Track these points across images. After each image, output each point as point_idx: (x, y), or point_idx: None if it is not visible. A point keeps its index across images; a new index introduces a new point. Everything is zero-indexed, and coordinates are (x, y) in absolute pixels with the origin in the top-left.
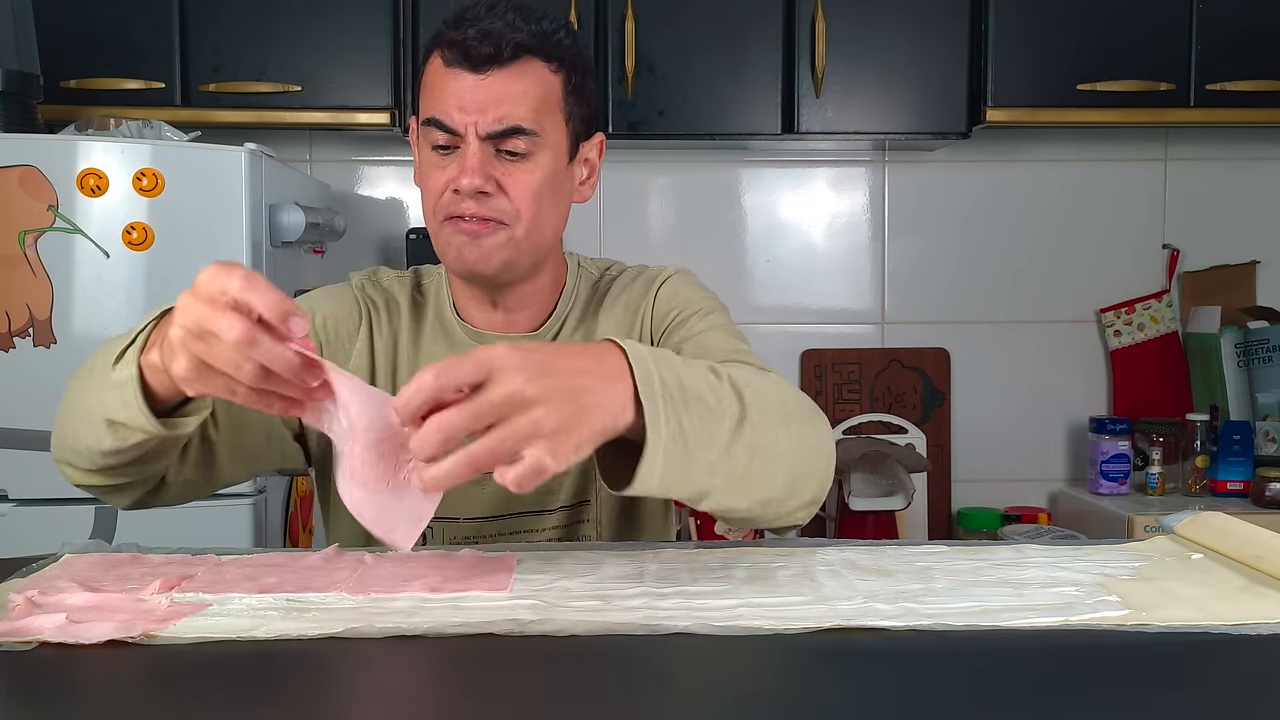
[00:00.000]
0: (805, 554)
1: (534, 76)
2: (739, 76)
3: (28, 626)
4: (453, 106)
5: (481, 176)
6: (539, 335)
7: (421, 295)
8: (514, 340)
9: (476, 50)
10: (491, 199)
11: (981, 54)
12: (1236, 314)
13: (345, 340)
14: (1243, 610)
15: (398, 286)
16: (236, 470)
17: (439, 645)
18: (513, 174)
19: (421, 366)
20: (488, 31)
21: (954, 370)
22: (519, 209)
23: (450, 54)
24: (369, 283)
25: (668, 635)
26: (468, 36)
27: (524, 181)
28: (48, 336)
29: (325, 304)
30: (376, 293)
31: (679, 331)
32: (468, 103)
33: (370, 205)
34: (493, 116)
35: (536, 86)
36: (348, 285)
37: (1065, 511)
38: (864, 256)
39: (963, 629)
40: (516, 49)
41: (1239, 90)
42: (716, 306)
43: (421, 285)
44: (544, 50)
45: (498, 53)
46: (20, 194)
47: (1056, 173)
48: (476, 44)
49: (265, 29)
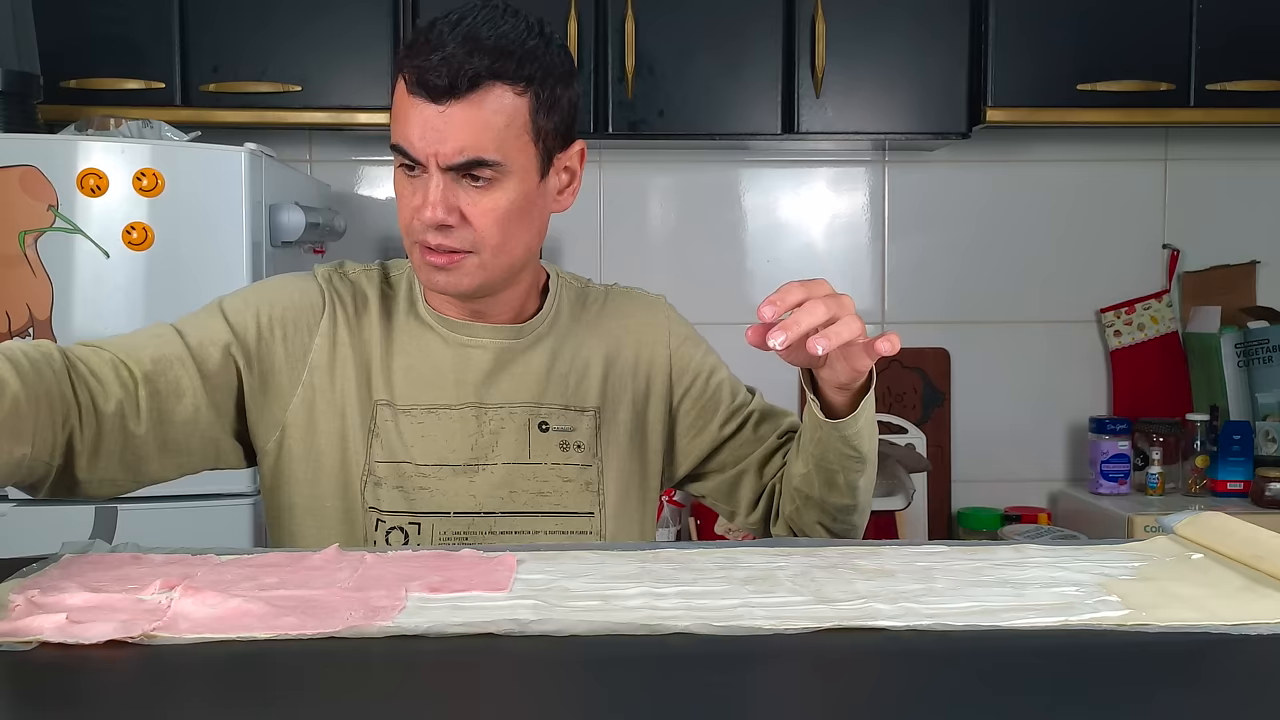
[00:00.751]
0: (805, 554)
1: (495, 104)
2: (739, 76)
3: (28, 626)
4: (414, 135)
5: (444, 209)
6: (526, 329)
7: (390, 288)
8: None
9: (434, 81)
10: (455, 230)
11: (981, 54)
12: (1236, 314)
13: (305, 332)
14: (1243, 610)
15: (365, 280)
16: (165, 466)
17: (439, 645)
18: (477, 202)
19: (396, 358)
20: (446, 60)
21: (954, 370)
22: (484, 237)
23: (411, 79)
24: (335, 275)
25: (668, 635)
26: (427, 64)
27: (489, 210)
28: (47, 336)
29: (284, 295)
30: (343, 286)
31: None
32: (428, 133)
33: (370, 205)
34: (453, 148)
35: (498, 115)
36: (310, 276)
37: (1065, 511)
38: (864, 256)
39: (963, 629)
40: (474, 79)
41: (1239, 90)
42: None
43: (390, 278)
44: (506, 73)
45: (454, 85)
46: (20, 194)
47: (1056, 173)
48: (434, 75)
49: (265, 29)
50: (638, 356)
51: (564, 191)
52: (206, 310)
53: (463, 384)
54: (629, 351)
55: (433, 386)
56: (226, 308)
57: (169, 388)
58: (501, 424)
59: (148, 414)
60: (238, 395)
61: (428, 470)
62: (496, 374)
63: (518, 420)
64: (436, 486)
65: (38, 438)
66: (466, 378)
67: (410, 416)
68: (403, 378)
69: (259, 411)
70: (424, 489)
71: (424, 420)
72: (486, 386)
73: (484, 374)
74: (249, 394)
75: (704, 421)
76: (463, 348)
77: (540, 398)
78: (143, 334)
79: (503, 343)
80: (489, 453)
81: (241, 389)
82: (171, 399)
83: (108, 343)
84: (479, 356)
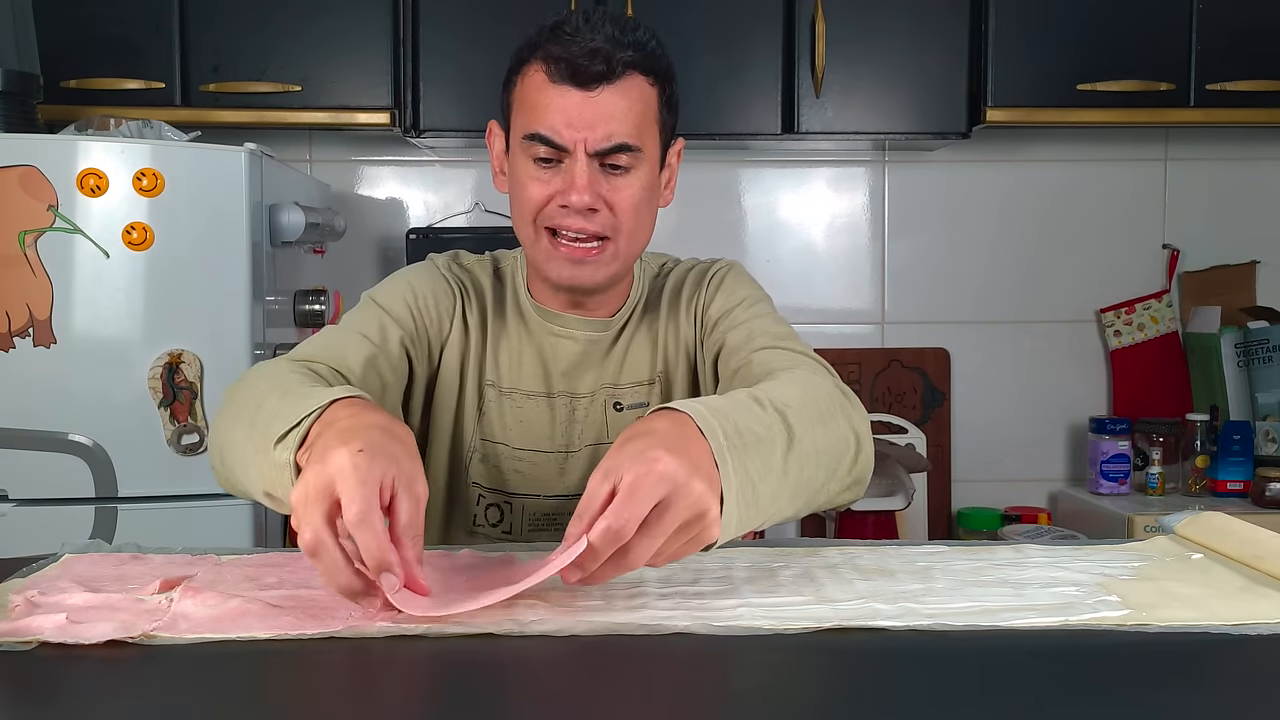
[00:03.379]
0: (805, 554)
1: (637, 92)
2: (739, 76)
3: (28, 626)
4: (560, 123)
5: (592, 194)
6: (610, 324)
7: (499, 280)
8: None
9: (587, 68)
10: (598, 214)
11: (981, 54)
12: (1236, 314)
13: (444, 318)
14: (1243, 610)
15: (479, 269)
16: None
17: (439, 645)
18: (617, 188)
19: (500, 350)
20: (596, 49)
21: (954, 370)
22: (622, 223)
23: (556, 69)
24: (456, 265)
25: (668, 635)
26: (574, 52)
27: (627, 196)
28: (48, 336)
29: (425, 284)
30: (464, 275)
31: (727, 320)
32: (575, 119)
33: (370, 205)
34: (601, 134)
35: (639, 102)
36: (434, 267)
37: (1065, 511)
38: (864, 256)
39: (963, 629)
40: (624, 67)
41: (1239, 90)
42: (762, 296)
43: (499, 269)
44: (645, 65)
45: (609, 70)
46: (20, 194)
47: (1056, 173)
48: (586, 62)
49: (265, 29)
50: (680, 324)
51: (666, 187)
52: (368, 308)
53: (553, 374)
54: (680, 321)
55: (531, 375)
56: (384, 303)
57: (375, 388)
58: (586, 412)
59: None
60: (409, 383)
61: (521, 454)
62: (583, 364)
63: (598, 405)
64: (529, 471)
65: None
66: (556, 368)
67: (512, 400)
68: (507, 362)
69: (418, 395)
70: (517, 471)
71: (523, 406)
72: (574, 377)
73: (572, 364)
74: (415, 379)
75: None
76: (554, 338)
77: (616, 380)
78: (333, 338)
79: (591, 335)
80: (577, 439)
81: (412, 376)
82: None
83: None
84: (568, 348)
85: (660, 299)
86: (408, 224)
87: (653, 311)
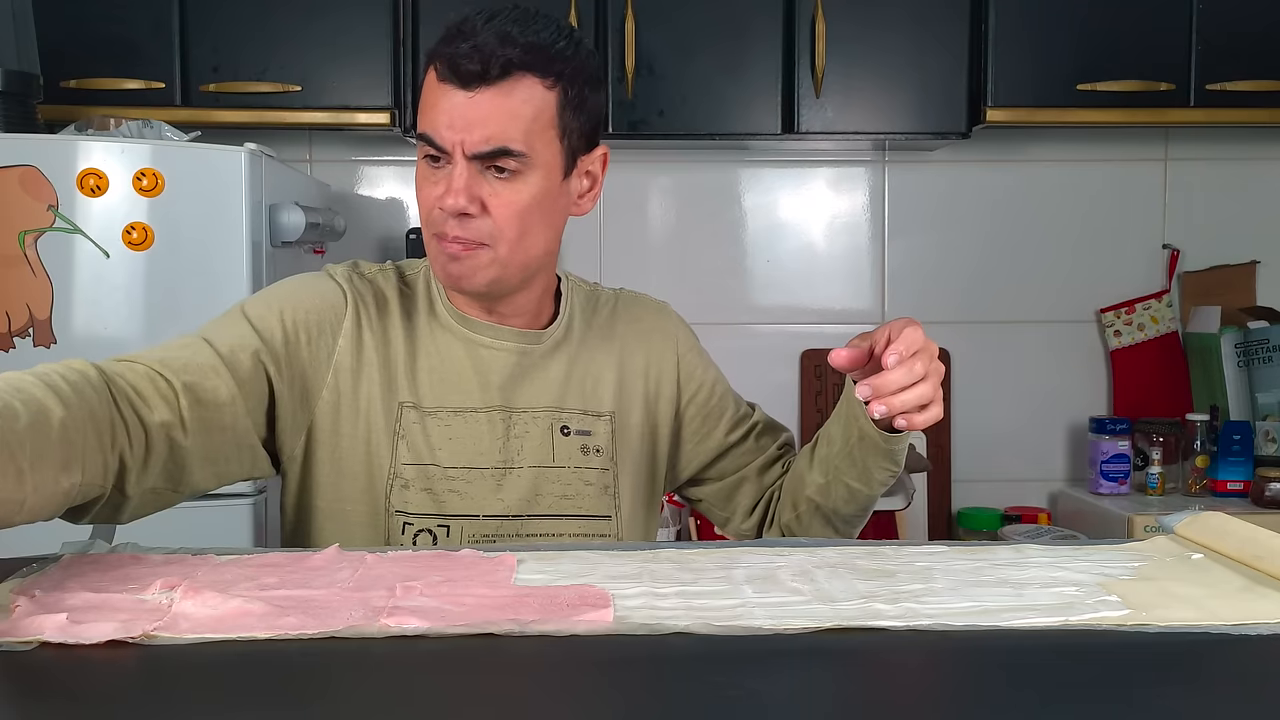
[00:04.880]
0: (805, 554)
1: (525, 94)
2: (739, 76)
3: (28, 626)
4: (441, 124)
5: (466, 198)
6: (542, 337)
7: (408, 287)
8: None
9: (465, 67)
10: (474, 220)
11: (981, 54)
12: (1236, 314)
13: (329, 334)
14: (1243, 610)
15: (382, 279)
16: (206, 477)
17: (439, 645)
18: (499, 193)
19: (420, 359)
20: (479, 47)
21: (954, 370)
22: (502, 229)
23: (442, 68)
24: (354, 275)
25: (668, 635)
26: (459, 51)
27: (510, 202)
28: (48, 336)
29: (306, 297)
30: (363, 285)
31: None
32: (455, 120)
33: (370, 205)
34: (479, 136)
35: (527, 105)
36: (326, 276)
37: (1065, 511)
38: (864, 256)
39: (963, 629)
40: (506, 67)
41: (1239, 90)
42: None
43: (405, 277)
44: (538, 66)
45: (485, 71)
46: (20, 194)
47: (1056, 173)
48: (465, 61)
49: (265, 29)
50: (648, 362)
51: (585, 196)
52: (229, 317)
53: (487, 387)
54: (639, 357)
55: (458, 389)
56: (250, 313)
57: (209, 397)
58: (526, 428)
59: (192, 424)
60: (269, 402)
61: (455, 473)
62: (519, 378)
63: (541, 424)
64: (465, 490)
65: (89, 463)
66: (490, 380)
67: (437, 419)
68: (427, 379)
69: (288, 417)
70: (453, 492)
71: (451, 423)
72: (510, 390)
73: (506, 377)
74: (279, 400)
75: (709, 428)
76: (483, 349)
77: (561, 402)
78: (172, 345)
79: (523, 347)
80: (516, 456)
81: (273, 395)
82: (212, 408)
83: (139, 356)
84: (500, 359)
85: (613, 326)
86: (408, 224)
87: (593, 337)
